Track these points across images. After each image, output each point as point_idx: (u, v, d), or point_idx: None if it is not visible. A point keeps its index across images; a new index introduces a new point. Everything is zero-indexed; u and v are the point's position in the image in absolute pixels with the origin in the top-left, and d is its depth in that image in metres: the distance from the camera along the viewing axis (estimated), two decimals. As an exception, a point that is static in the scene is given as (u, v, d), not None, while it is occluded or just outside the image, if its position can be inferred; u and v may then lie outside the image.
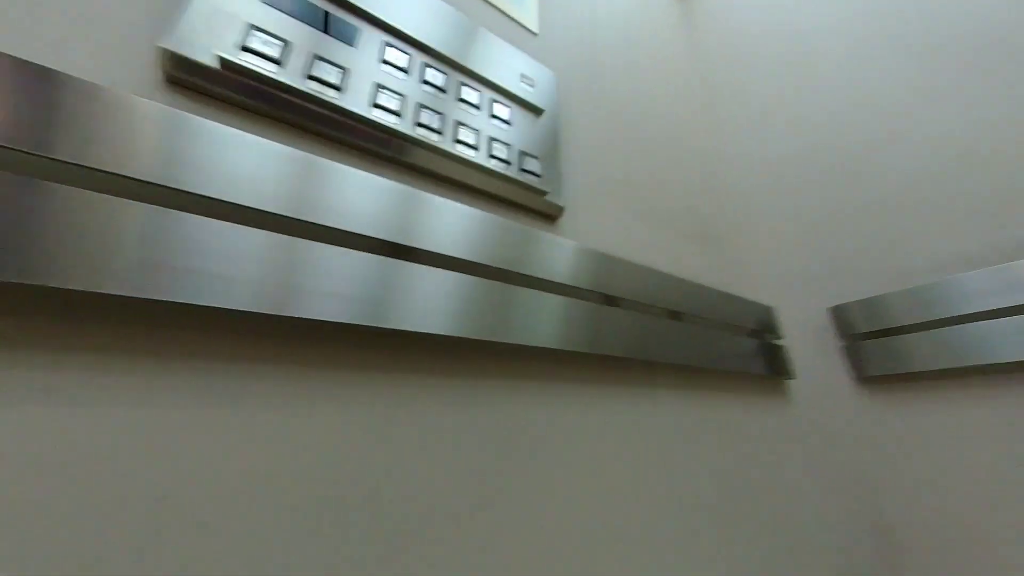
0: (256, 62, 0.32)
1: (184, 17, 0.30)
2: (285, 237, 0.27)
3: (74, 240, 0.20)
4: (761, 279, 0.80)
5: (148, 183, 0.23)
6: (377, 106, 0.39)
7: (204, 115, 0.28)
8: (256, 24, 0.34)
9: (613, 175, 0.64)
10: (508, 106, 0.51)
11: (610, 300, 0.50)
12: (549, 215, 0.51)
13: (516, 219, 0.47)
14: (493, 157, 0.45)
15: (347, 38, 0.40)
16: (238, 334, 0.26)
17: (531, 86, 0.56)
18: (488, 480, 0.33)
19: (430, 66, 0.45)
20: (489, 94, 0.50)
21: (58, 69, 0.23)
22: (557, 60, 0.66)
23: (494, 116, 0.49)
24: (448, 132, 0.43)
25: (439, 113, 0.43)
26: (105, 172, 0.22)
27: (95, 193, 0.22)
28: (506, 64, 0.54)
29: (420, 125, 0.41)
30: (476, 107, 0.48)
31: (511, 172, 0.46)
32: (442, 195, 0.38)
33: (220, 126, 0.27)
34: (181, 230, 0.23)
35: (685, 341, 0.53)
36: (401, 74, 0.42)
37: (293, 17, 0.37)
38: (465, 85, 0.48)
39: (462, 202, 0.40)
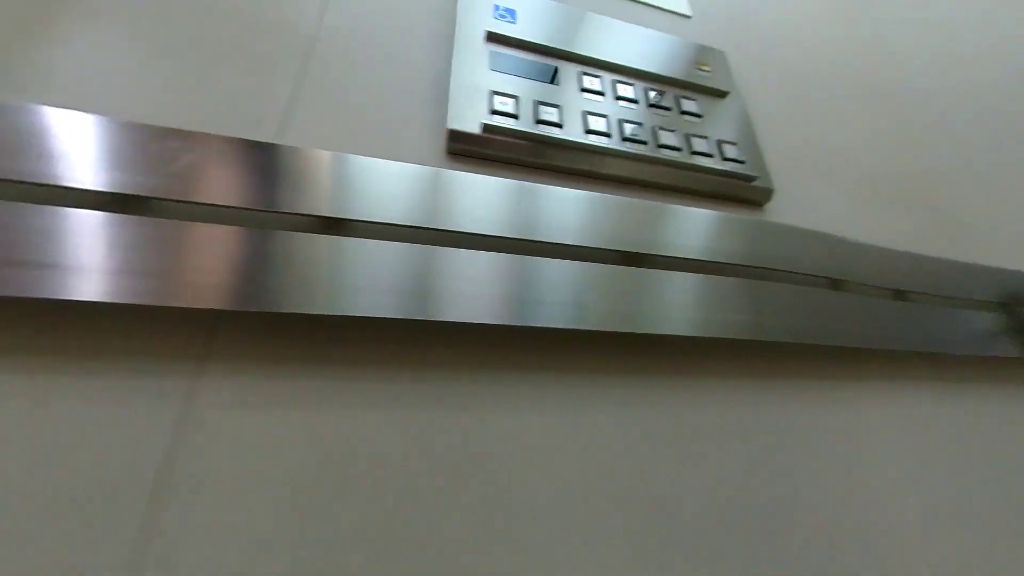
0: (503, 121, 0.38)
1: (451, 100, 0.38)
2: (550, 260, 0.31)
3: (448, 283, 0.27)
4: (992, 241, 0.61)
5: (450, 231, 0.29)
6: (589, 131, 0.42)
7: (476, 170, 0.34)
8: (495, 90, 0.40)
9: (813, 148, 0.57)
10: (693, 98, 0.50)
11: (835, 284, 0.44)
12: (756, 201, 0.48)
13: (726, 210, 0.45)
14: (696, 153, 0.45)
15: (552, 78, 0.43)
16: (554, 350, 0.31)
17: (707, 70, 0.53)
18: (776, 481, 0.32)
19: (619, 82, 0.47)
20: (673, 91, 0.50)
21: (367, 156, 0.30)
22: (720, 37, 0.62)
23: (684, 112, 0.48)
24: (650, 139, 0.44)
25: (638, 124, 0.44)
26: (422, 228, 0.29)
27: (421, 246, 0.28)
28: (677, 55, 0.53)
29: (626, 139, 0.43)
30: (667, 108, 0.47)
31: (715, 164, 0.45)
32: (658, 200, 0.39)
33: (485, 177, 0.33)
34: (525, 266, 0.29)
35: (923, 323, 0.44)
36: (599, 97, 0.45)
37: (515, 75, 0.42)
38: (651, 90, 0.48)
39: (676, 203, 0.40)
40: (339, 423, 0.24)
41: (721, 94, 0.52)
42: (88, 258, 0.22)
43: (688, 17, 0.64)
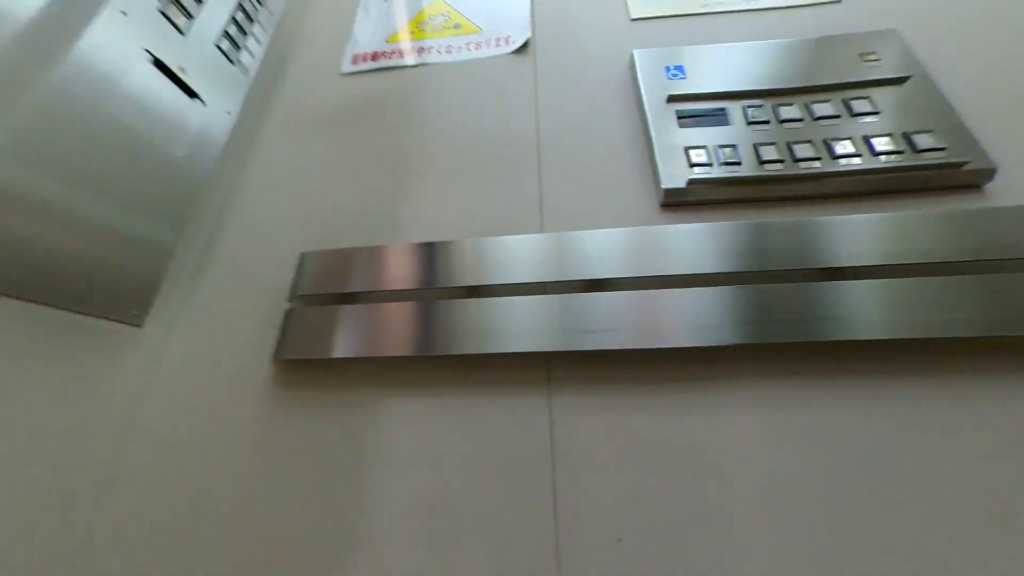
0: (700, 172, 0.46)
1: (659, 162, 0.47)
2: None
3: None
4: None
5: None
6: (763, 162, 0.46)
7: (690, 219, 0.42)
8: (688, 145, 0.48)
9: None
10: (864, 95, 0.50)
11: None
12: (974, 184, 0.45)
13: (942, 200, 0.44)
14: (882, 154, 0.45)
15: (724, 121, 0.49)
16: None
17: (874, 59, 0.52)
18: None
19: (780, 105, 0.50)
20: (839, 95, 0.50)
21: (605, 226, 0.40)
22: (884, 14, 0.58)
23: (857, 114, 0.49)
24: (824, 154, 0.46)
25: (807, 142, 0.47)
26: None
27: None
28: (834, 55, 0.53)
29: (798, 160, 0.46)
30: (835, 116, 0.49)
31: (908, 161, 0.45)
32: (863, 211, 0.42)
33: (700, 226, 0.41)
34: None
35: None
36: (764, 126, 0.49)
37: (698, 126, 0.49)
38: (814, 102, 0.50)
39: (883, 208, 0.42)
40: (646, 423, 0.36)
41: (899, 80, 0.50)
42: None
43: (837, 2, 0.62)
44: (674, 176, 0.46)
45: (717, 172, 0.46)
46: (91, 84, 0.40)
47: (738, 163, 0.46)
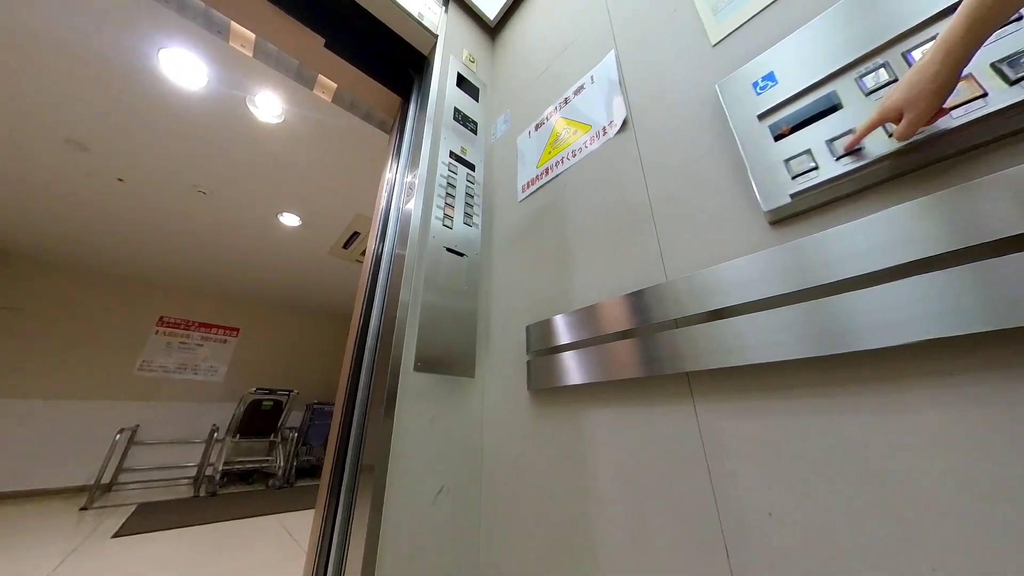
0: (806, 179, 0.42)
1: (755, 187, 0.47)
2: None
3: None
4: None
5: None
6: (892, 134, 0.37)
7: (804, 231, 0.40)
8: (786, 157, 0.45)
9: None
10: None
11: None
12: None
13: None
14: None
15: (834, 106, 0.43)
16: None
17: None
18: None
19: (910, 49, 0.38)
20: None
21: (723, 261, 0.43)
22: None
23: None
24: (997, 80, 0.33)
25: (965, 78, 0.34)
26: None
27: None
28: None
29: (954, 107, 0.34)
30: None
31: None
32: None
33: (812, 237, 0.38)
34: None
35: None
36: (892, 86, 0.39)
37: (803, 129, 0.45)
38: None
39: None
40: (798, 424, 0.39)
41: None
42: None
43: None
44: (773, 194, 0.44)
45: (830, 171, 0.41)
46: (440, 258, 0.80)
47: (859, 148, 0.40)
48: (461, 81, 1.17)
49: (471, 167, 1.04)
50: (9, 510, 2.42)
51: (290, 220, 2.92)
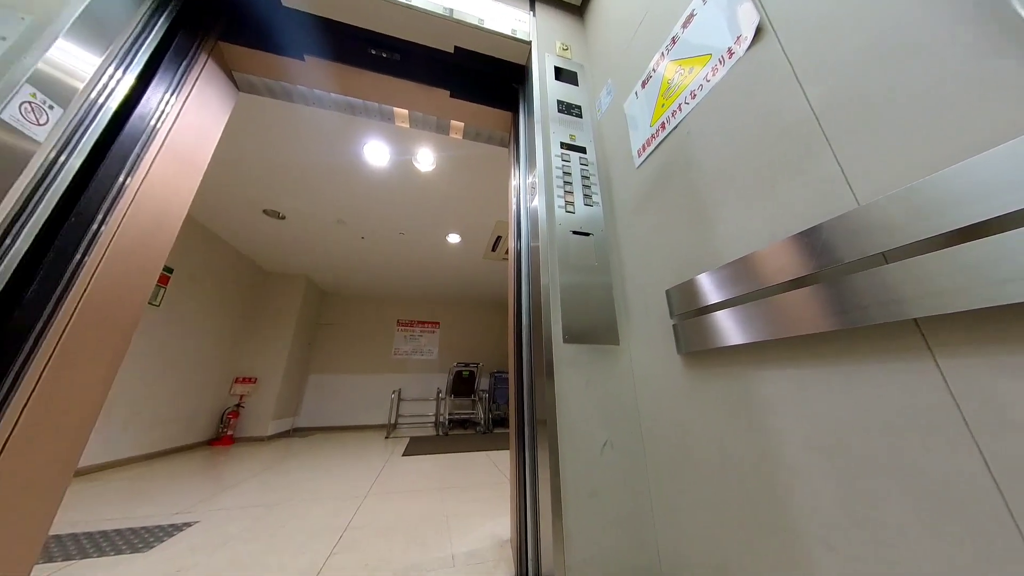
0: None
1: None
2: None
3: None
4: None
5: None
6: None
7: None
8: None
9: None
10: None
11: None
12: None
13: None
14: None
15: None
16: None
17: None
18: None
19: None
20: None
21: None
22: None
23: None
24: None
25: None
26: None
27: None
28: None
29: None
30: None
31: None
32: None
33: None
34: None
35: None
36: None
37: None
38: None
39: None
40: None
41: None
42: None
43: None
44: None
45: None
46: (569, 242, 0.82)
47: None
48: (559, 73, 1.12)
49: (582, 150, 0.99)
50: (350, 435, 3.92)
51: (453, 239, 3.50)
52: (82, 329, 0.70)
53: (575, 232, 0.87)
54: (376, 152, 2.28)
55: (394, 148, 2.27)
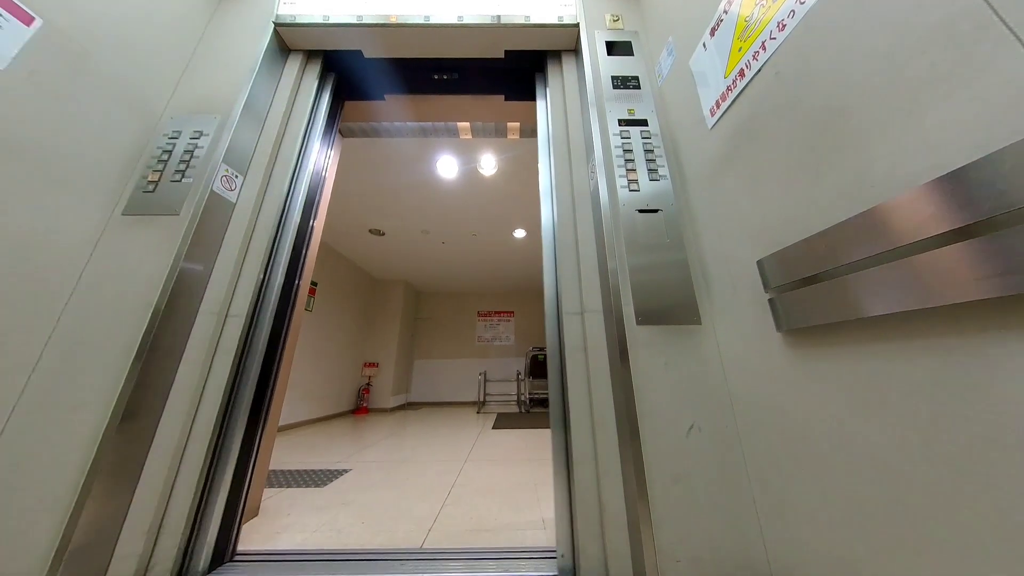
0: None
1: None
2: None
3: None
4: None
5: None
6: None
7: None
8: None
9: None
10: None
11: None
12: None
13: None
14: None
15: None
16: None
17: None
18: None
19: None
20: None
21: None
22: None
23: None
24: None
25: None
26: None
27: None
28: None
29: None
30: None
31: None
32: None
33: None
34: None
35: None
36: None
37: None
38: None
39: None
40: None
41: None
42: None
43: None
44: None
45: None
46: (635, 221, 0.76)
47: None
48: (612, 47, 1.01)
49: (643, 123, 0.89)
50: (447, 411, 4.39)
51: (519, 233, 3.54)
52: (293, 333, 1.02)
53: (642, 210, 0.79)
54: (447, 165, 2.45)
55: (461, 159, 2.40)
